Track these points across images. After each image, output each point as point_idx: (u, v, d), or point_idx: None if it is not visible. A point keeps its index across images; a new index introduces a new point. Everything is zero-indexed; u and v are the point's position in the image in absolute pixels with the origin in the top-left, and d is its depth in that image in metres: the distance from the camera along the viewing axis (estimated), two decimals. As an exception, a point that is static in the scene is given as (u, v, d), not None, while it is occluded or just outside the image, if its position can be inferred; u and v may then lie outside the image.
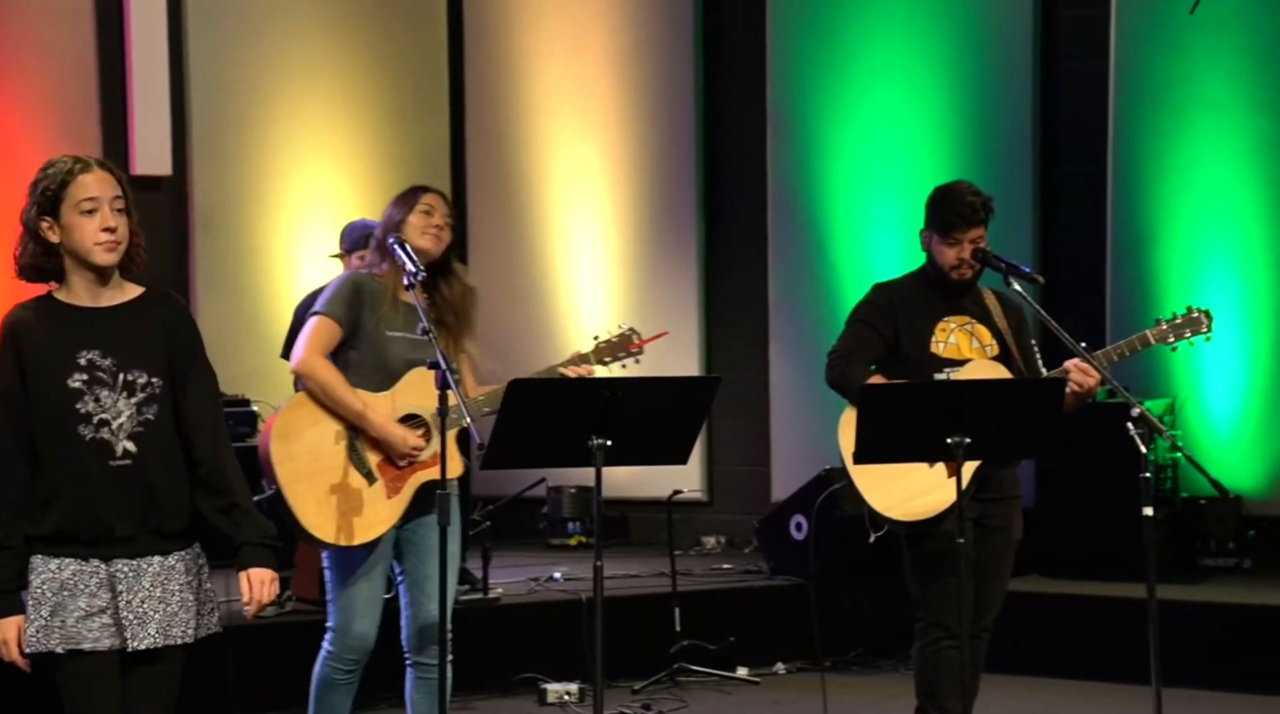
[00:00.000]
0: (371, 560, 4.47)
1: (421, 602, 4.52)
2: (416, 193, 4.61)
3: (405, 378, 4.49)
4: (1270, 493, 7.64)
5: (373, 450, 4.46)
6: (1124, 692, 6.29)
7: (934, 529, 4.70)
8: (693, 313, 8.96)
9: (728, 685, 6.76)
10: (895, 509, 4.74)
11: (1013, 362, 4.88)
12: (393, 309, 4.51)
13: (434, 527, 4.40)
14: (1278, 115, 7.65)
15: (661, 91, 9.03)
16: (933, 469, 4.67)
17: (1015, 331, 4.94)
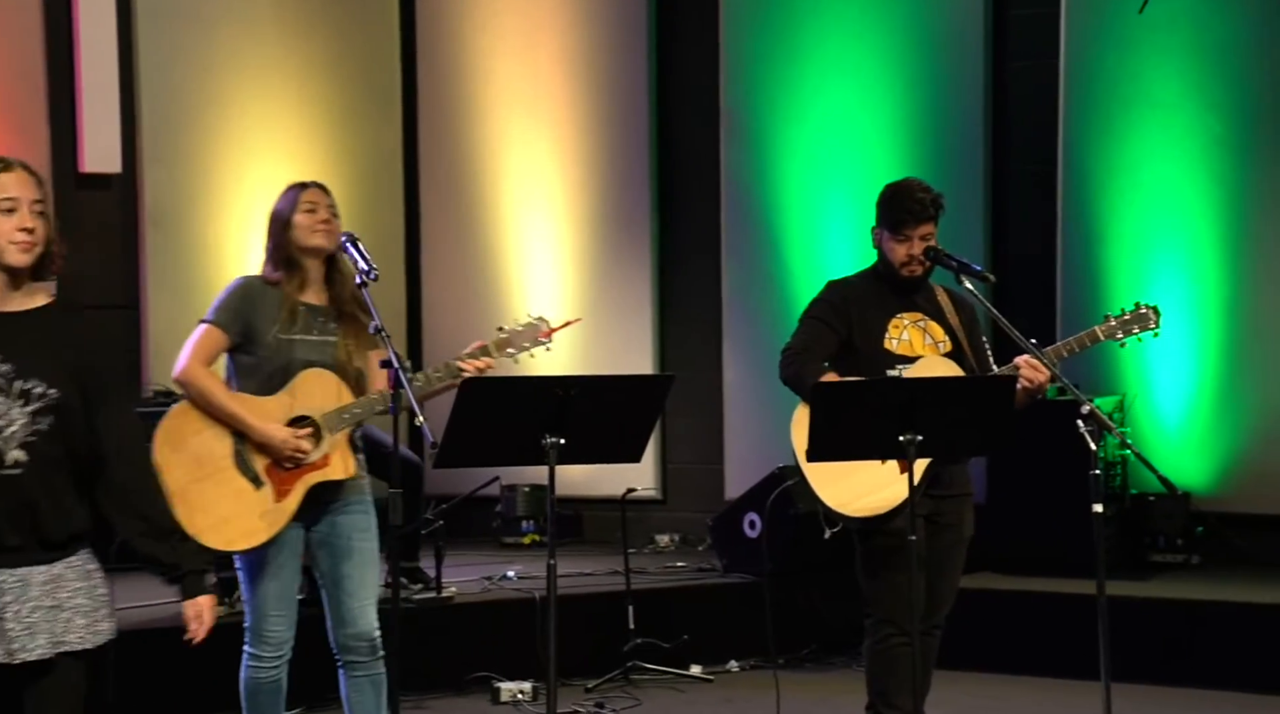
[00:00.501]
0: (277, 560, 4.47)
1: (342, 600, 4.52)
2: (297, 191, 4.59)
3: (297, 379, 4.48)
4: (1218, 489, 7.71)
5: (258, 455, 4.44)
6: (1074, 687, 6.32)
7: (886, 526, 4.73)
8: (646, 311, 8.96)
9: (681, 683, 6.77)
10: (848, 506, 4.76)
11: (964, 358, 4.91)
12: (289, 312, 4.50)
13: (345, 526, 4.44)
14: (1225, 114, 7.73)
15: (614, 90, 9.03)
16: (884, 466, 4.70)
17: (967, 329, 4.97)
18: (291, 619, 4.53)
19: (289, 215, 4.54)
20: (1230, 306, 7.73)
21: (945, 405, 4.45)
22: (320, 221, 4.54)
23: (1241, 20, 7.68)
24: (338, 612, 4.53)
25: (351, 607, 4.49)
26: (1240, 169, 7.70)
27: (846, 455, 4.61)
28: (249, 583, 4.51)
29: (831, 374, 4.83)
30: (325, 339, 4.50)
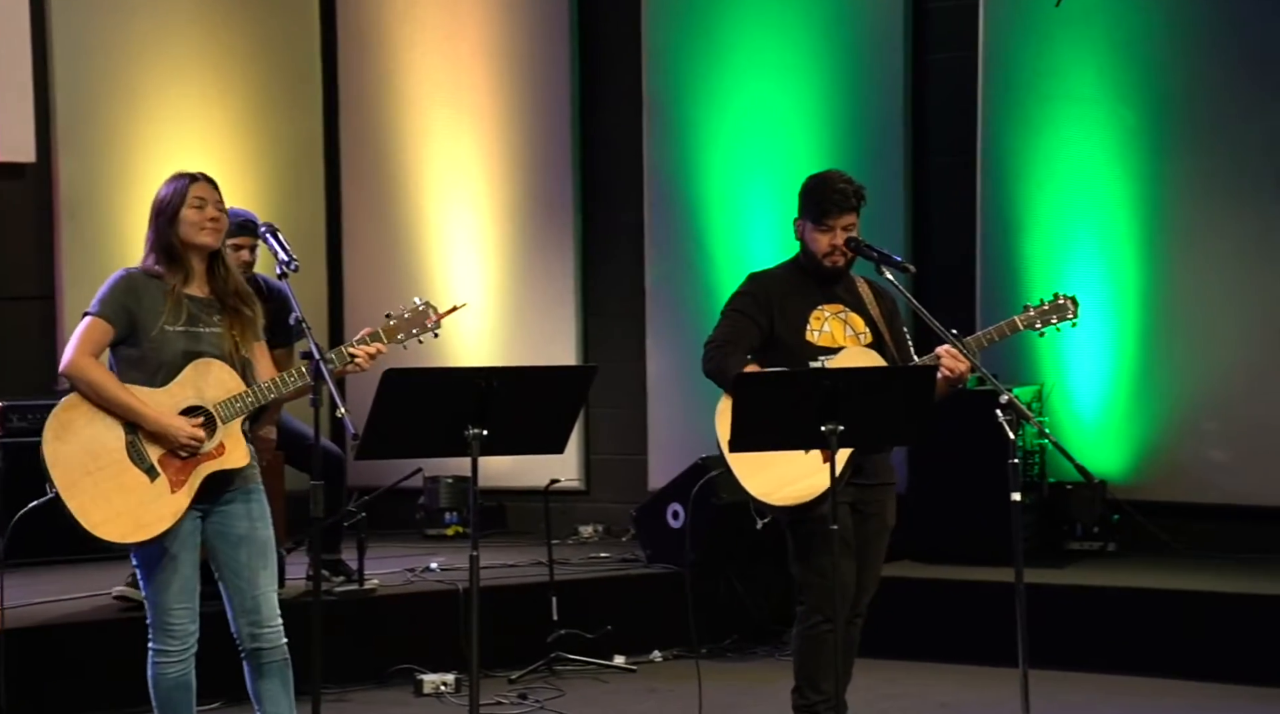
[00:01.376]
0: (174, 552, 4.43)
1: (242, 589, 4.49)
2: (184, 183, 4.52)
3: (185, 371, 4.45)
4: (1134, 478, 7.81)
5: (152, 445, 4.40)
6: (993, 674, 6.39)
7: (812, 513, 4.75)
8: (569, 302, 8.95)
9: (605, 674, 6.78)
10: (772, 495, 4.79)
11: (885, 349, 4.95)
12: (174, 304, 4.46)
13: (240, 515, 4.42)
14: (1140, 106, 7.82)
15: (537, 81, 9.01)
16: (807, 455, 4.72)
17: (888, 319, 5.00)
18: (194, 611, 4.49)
19: (176, 208, 4.49)
20: (1146, 296, 7.84)
21: (867, 395, 4.49)
22: (208, 218, 4.50)
23: (1155, 13, 7.78)
24: (238, 601, 4.50)
25: (252, 595, 4.47)
26: (1155, 160, 7.81)
27: (769, 445, 4.64)
28: (148, 578, 4.46)
29: (753, 366, 4.86)
30: (211, 331, 4.48)
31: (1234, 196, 7.65)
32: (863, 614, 4.98)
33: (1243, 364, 7.64)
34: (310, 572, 4.54)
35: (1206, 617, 6.65)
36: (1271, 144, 7.56)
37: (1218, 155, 7.68)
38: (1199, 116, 7.72)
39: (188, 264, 4.50)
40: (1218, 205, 7.69)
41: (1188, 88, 7.74)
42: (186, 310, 4.47)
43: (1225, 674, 6.47)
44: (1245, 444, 7.62)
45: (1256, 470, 7.60)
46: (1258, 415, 7.59)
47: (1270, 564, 7.42)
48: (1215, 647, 6.57)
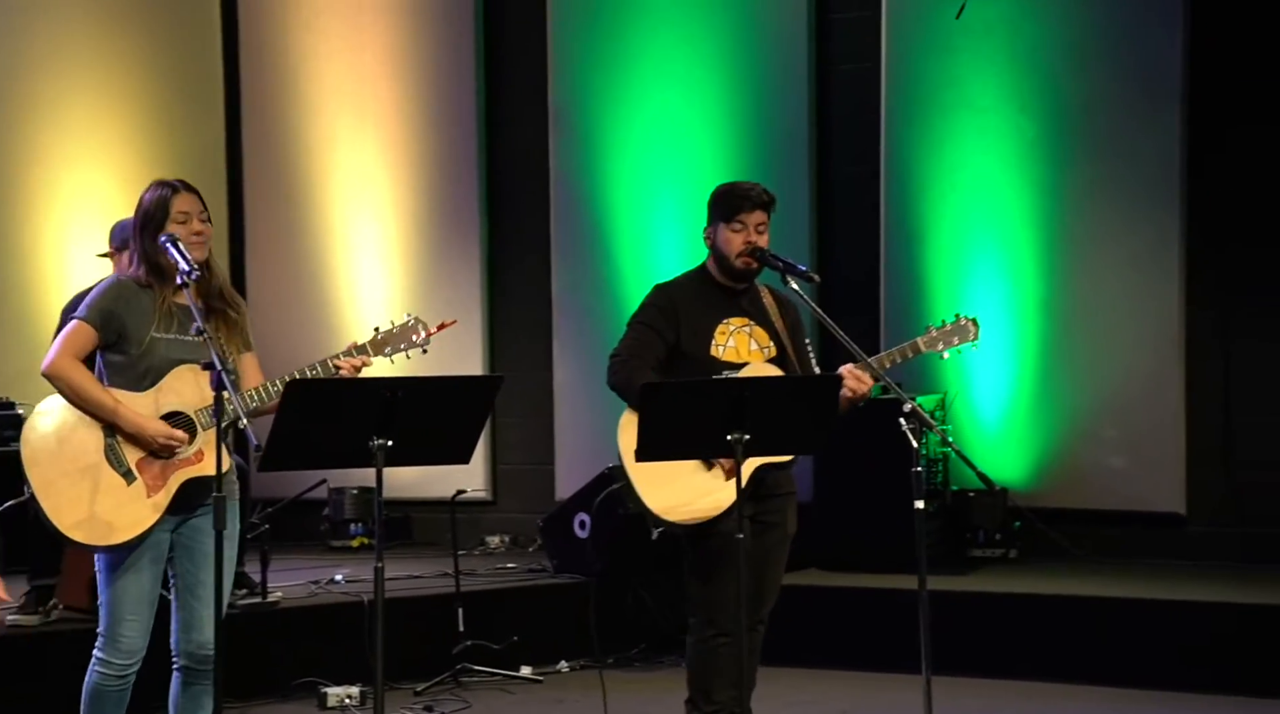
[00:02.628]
0: (139, 560, 4.37)
1: (194, 606, 4.43)
2: (166, 195, 4.46)
3: (168, 376, 4.42)
4: (1035, 485, 7.91)
5: (130, 449, 4.37)
6: (897, 680, 6.44)
7: (711, 529, 4.77)
8: (476, 311, 8.93)
9: (511, 685, 6.76)
10: (673, 512, 4.79)
11: (789, 363, 4.97)
12: (161, 311, 4.43)
13: (207, 531, 4.32)
14: (1039, 118, 7.94)
15: (442, 90, 8.99)
16: (709, 472, 4.75)
17: (791, 331, 5.03)
18: (146, 626, 4.42)
19: (160, 224, 4.42)
20: (1046, 305, 7.95)
21: (772, 404, 4.51)
22: (193, 233, 4.44)
23: (1053, 27, 7.90)
24: (187, 617, 4.44)
25: (203, 615, 4.41)
26: (1053, 170, 7.92)
27: (676, 455, 4.64)
28: (107, 584, 4.39)
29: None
30: (198, 339, 4.42)
31: (1130, 206, 7.78)
32: (765, 621, 4.99)
33: (1139, 371, 7.77)
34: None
35: (1107, 621, 6.74)
36: (1165, 154, 7.70)
37: (1114, 165, 7.81)
38: (1096, 127, 7.85)
39: (174, 274, 4.44)
40: (1114, 215, 7.82)
41: (1085, 99, 7.87)
42: (176, 318, 4.43)
43: (1125, 678, 6.56)
44: (1143, 450, 7.75)
45: (1154, 476, 7.73)
46: (1154, 421, 7.72)
47: (1168, 569, 7.56)
48: (1115, 651, 6.66)
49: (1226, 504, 7.68)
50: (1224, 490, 7.68)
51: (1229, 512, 7.68)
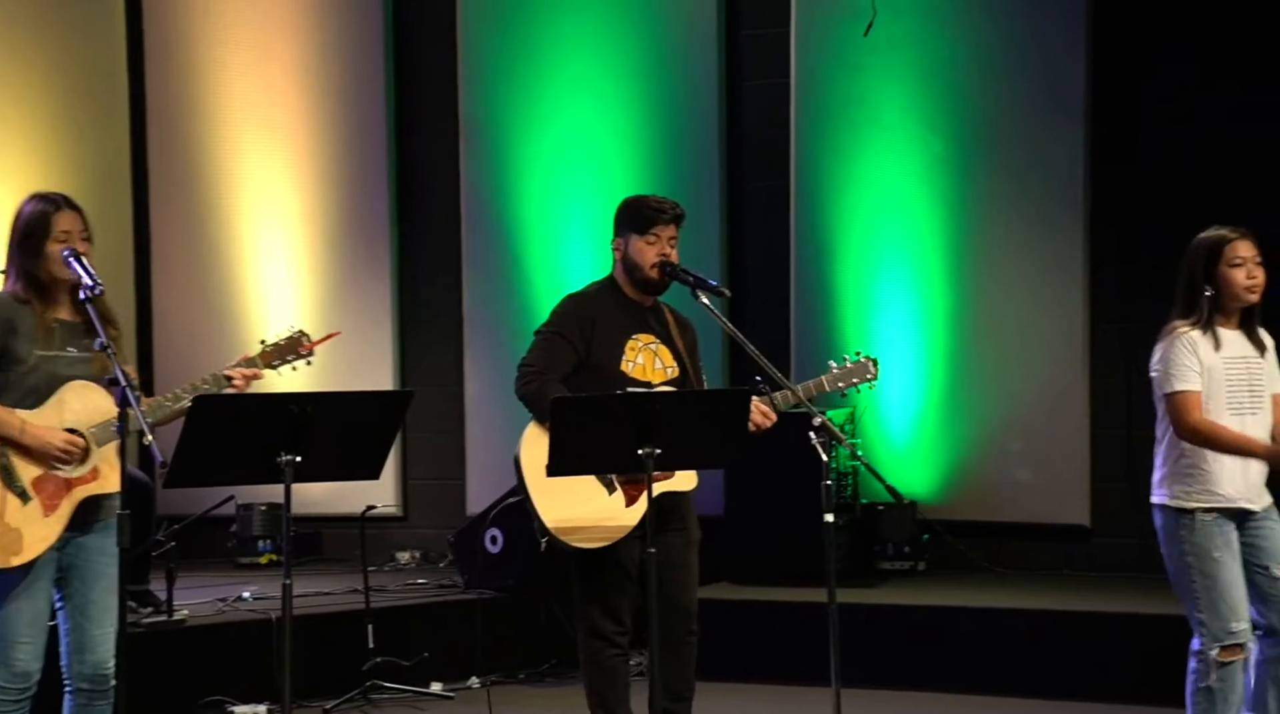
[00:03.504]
0: (31, 582, 4.31)
1: (85, 626, 4.37)
2: (48, 211, 4.40)
3: (63, 392, 4.36)
4: (943, 498, 7.99)
5: (26, 468, 4.30)
6: (807, 693, 6.46)
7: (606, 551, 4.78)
8: (386, 325, 8.88)
9: (422, 701, 6.72)
10: (572, 536, 4.78)
11: (689, 384, 4.99)
12: (45, 330, 4.36)
13: (97, 550, 4.28)
14: (945, 133, 8.03)
15: (352, 101, 8.93)
16: (610, 497, 4.75)
17: (689, 352, 5.04)
18: (40, 648, 4.35)
19: (41, 243, 4.35)
20: (954, 319, 8.03)
21: (683, 419, 4.52)
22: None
23: (959, 44, 8.00)
24: (77, 638, 4.38)
25: (94, 635, 4.36)
26: (960, 185, 8.01)
27: (587, 468, 4.65)
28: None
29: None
30: (83, 355, 4.36)
31: (1035, 220, 7.88)
32: (695, 631, 4.99)
33: (1045, 384, 7.86)
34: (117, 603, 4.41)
35: (1014, 633, 6.81)
36: (1070, 168, 7.81)
37: (1020, 180, 7.91)
38: (1001, 142, 7.95)
39: (55, 293, 4.39)
40: (1020, 229, 7.91)
41: (990, 115, 7.97)
42: (58, 335, 4.38)
43: (1032, 689, 6.63)
44: (1048, 463, 7.85)
45: (1059, 489, 7.83)
46: (1059, 434, 7.82)
47: (1074, 580, 7.65)
48: (1022, 662, 6.73)
49: (1130, 516, 7.78)
50: (1127, 502, 7.78)
51: (1132, 524, 7.78)
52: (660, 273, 4.93)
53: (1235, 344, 4.83)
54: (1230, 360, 4.80)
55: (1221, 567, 4.72)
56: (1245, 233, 4.84)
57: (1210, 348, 4.78)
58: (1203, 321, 4.80)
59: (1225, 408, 4.77)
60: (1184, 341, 4.78)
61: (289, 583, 4.18)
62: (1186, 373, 4.77)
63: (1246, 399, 4.81)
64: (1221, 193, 7.41)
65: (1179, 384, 4.79)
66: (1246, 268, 4.79)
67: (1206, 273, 4.81)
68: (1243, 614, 4.73)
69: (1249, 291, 4.80)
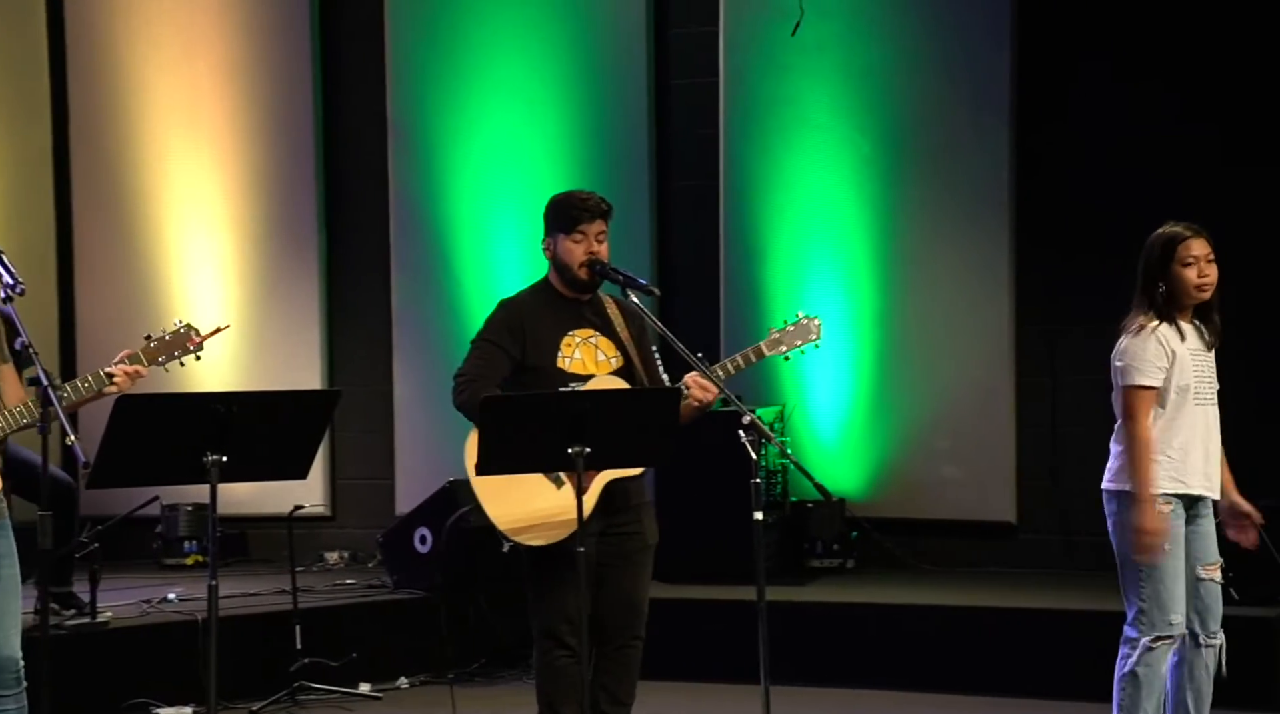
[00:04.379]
0: None
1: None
2: None
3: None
4: (871, 496, 8.04)
5: None
6: (736, 690, 6.49)
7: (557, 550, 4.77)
8: (314, 326, 8.83)
9: (350, 702, 6.69)
10: (522, 535, 4.77)
11: (635, 373, 4.98)
12: None
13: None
14: (873, 134, 8.08)
15: (279, 101, 8.87)
16: (559, 492, 4.74)
17: (636, 341, 5.03)
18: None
19: None
20: (881, 319, 8.08)
21: (613, 417, 4.52)
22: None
23: (887, 45, 8.05)
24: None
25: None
26: (888, 187, 8.07)
27: (517, 468, 4.63)
28: None
29: (501, 397, 4.84)
30: (21, 352, 4.29)
31: (962, 220, 7.95)
32: (640, 635, 4.97)
33: (972, 383, 7.93)
34: (38, 605, 4.36)
35: (942, 629, 6.86)
36: (995, 169, 7.88)
37: (946, 180, 7.97)
38: (928, 143, 8.01)
39: None
40: (947, 229, 7.98)
41: (917, 115, 8.02)
42: None
43: (959, 685, 6.69)
44: (975, 461, 7.91)
45: (984, 486, 7.90)
46: (985, 433, 7.89)
47: (999, 576, 7.72)
48: (949, 658, 6.78)
49: (1054, 513, 7.87)
50: (1052, 500, 7.87)
51: (1056, 520, 7.87)
52: (589, 272, 4.92)
53: (1190, 338, 4.91)
54: (1192, 352, 4.87)
55: (1169, 558, 4.79)
56: (1199, 231, 4.90)
57: (1178, 340, 4.86)
58: (1163, 316, 4.86)
59: (1192, 396, 4.84)
60: (1155, 336, 4.83)
61: (215, 584, 4.15)
62: (1151, 369, 4.82)
63: (1207, 390, 4.89)
64: (1147, 193, 7.50)
65: (1142, 379, 4.82)
66: (1198, 266, 4.85)
67: (1160, 270, 4.87)
68: (1182, 607, 4.80)
69: (1199, 290, 4.86)
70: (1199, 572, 4.86)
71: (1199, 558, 4.86)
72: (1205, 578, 4.87)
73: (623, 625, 4.88)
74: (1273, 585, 6.35)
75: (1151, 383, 4.80)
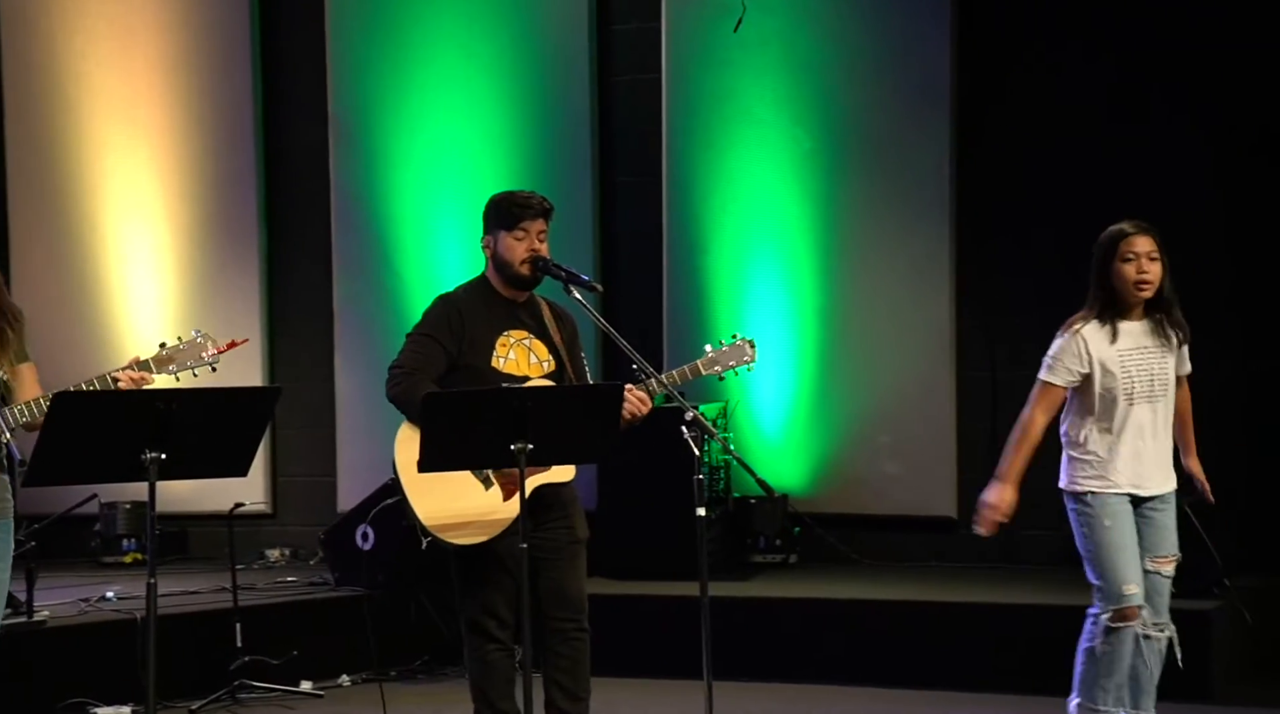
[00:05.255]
0: None
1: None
2: None
3: None
4: (814, 491, 8.06)
5: None
6: (680, 686, 6.48)
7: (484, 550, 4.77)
8: (255, 322, 8.77)
9: (291, 700, 6.65)
10: (449, 534, 4.77)
11: (566, 377, 4.98)
12: None
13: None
14: (814, 129, 8.10)
15: (218, 96, 8.80)
16: (488, 492, 4.74)
17: (568, 346, 5.04)
18: None
19: None
20: (824, 314, 8.11)
21: (555, 414, 4.52)
22: None
23: (828, 41, 8.08)
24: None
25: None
26: (830, 181, 8.09)
27: (458, 465, 4.62)
28: None
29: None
30: None
31: (903, 216, 7.98)
32: (586, 628, 4.98)
33: (913, 378, 7.97)
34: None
35: (884, 624, 6.90)
36: (936, 165, 7.92)
37: (888, 176, 8.01)
38: (870, 139, 8.04)
39: None
40: (888, 224, 8.01)
41: (859, 111, 8.05)
42: None
43: (901, 679, 6.72)
44: (916, 456, 7.96)
45: (925, 481, 7.94)
46: (925, 428, 7.93)
47: (940, 571, 7.77)
48: (893, 653, 6.82)
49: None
50: (993, 494, 7.90)
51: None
52: (531, 269, 4.92)
53: (1135, 336, 4.96)
54: (1127, 351, 4.94)
55: (1112, 532, 4.90)
56: (1145, 228, 4.95)
57: (1106, 341, 4.91)
58: (1101, 314, 4.92)
59: (1122, 396, 4.91)
60: (1077, 339, 4.93)
61: (154, 582, 4.13)
62: (1062, 370, 4.96)
63: (1145, 387, 4.95)
64: (1088, 189, 7.57)
65: (1051, 376, 5.00)
66: (1138, 263, 4.90)
67: (1104, 266, 4.93)
68: (1133, 578, 4.88)
69: (1138, 287, 4.92)
70: (1146, 564, 4.94)
71: (1148, 549, 4.94)
72: (1152, 570, 4.94)
73: (561, 617, 4.89)
74: (1208, 579, 6.44)
75: (1057, 382, 4.96)
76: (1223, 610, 6.53)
